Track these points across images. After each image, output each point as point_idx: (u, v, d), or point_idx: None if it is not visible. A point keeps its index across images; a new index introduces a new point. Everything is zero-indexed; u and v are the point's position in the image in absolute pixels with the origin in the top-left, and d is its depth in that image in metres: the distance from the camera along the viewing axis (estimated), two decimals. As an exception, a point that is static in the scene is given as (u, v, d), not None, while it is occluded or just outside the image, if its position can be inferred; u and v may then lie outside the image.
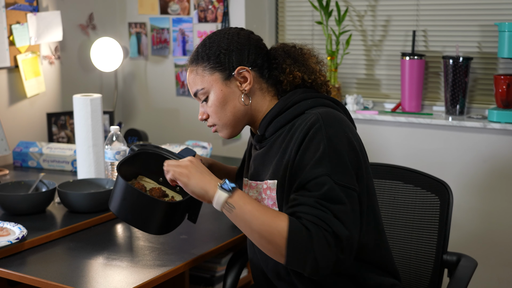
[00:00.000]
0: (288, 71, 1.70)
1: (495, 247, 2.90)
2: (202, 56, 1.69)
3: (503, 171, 2.86)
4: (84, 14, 3.46)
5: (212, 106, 1.69)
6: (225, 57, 1.67)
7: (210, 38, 1.71)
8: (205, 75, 1.68)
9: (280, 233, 1.47)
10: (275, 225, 1.48)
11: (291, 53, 1.74)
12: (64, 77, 3.36)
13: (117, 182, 1.66)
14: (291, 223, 1.48)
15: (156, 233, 1.69)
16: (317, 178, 1.51)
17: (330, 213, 1.48)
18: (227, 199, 1.52)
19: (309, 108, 1.65)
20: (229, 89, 1.67)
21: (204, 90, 1.69)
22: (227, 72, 1.67)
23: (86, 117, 2.42)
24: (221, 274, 2.65)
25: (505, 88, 2.81)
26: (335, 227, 1.47)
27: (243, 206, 1.52)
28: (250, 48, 1.69)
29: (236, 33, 1.71)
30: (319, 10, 3.18)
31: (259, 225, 1.50)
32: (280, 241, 1.47)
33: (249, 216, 1.51)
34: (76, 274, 1.75)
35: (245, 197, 1.54)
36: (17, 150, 2.93)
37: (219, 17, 3.36)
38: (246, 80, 1.67)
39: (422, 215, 2.06)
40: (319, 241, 1.45)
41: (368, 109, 3.20)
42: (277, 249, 1.49)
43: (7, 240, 1.86)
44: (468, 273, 1.88)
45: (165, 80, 3.61)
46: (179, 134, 3.60)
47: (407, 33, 3.15)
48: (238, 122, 1.71)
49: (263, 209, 1.52)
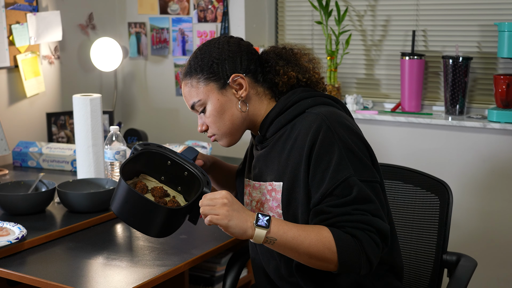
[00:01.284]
0: (282, 72, 1.70)
1: (495, 247, 2.90)
2: (195, 68, 1.69)
3: (502, 171, 2.86)
4: (84, 14, 3.46)
5: (210, 117, 1.69)
6: (218, 66, 1.67)
7: (201, 49, 1.71)
8: (200, 87, 1.68)
9: (329, 249, 1.51)
10: (322, 244, 1.51)
11: (282, 54, 1.74)
12: (63, 77, 3.36)
13: (120, 184, 1.65)
14: (335, 235, 1.51)
15: (157, 236, 1.69)
16: (343, 182, 1.54)
17: (368, 214, 1.53)
18: (267, 234, 1.52)
19: (309, 107, 1.66)
20: (225, 98, 1.68)
21: (201, 101, 1.69)
22: (221, 81, 1.67)
23: (86, 117, 2.42)
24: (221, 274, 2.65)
25: (504, 88, 2.81)
26: (377, 225, 1.52)
27: (283, 236, 1.52)
28: (242, 54, 1.69)
29: (226, 41, 1.71)
30: (319, 10, 3.18)
31: (305, 248, 1.52)
32: (331, 256, 1.51)
33: (292, 243, 1.52)
34: (76, 274, 1.75)
35: (282, 225, 1.53)
36: (17, 150, 2.93)
37: (219, 17, 3.36)
38: (242, 87, 1.68)
39: (422, 215, 2.06)
40: (368, 243, 1.51)
41: (367, 109, 3.20)
42: (329, 264, 1.53)
43: (6, 240, 1.86)
44: (468, 273, 1.88)
45: (165, 80, 3.61)
46: (179, 134, 3.60)
47: (407, 33, 3.15)
48: (237, 130, 1.71)
49: (303, 232, 1.52)
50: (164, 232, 1.68)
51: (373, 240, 1.52)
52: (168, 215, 1.64)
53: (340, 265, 1.51)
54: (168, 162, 1.76)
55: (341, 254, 1.50)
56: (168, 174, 1.78)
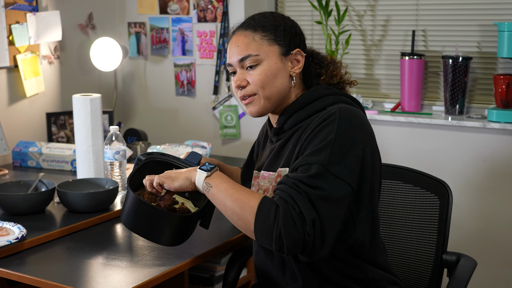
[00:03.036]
0: (332, 69, 1.76)
1: (495, 247, 2.90)
2: (265, 25, 1.72)
3: (502, 171, 2.86)
4: (84, 14, 3.46)
5: (262, 75, 1.69)
6: (289, 34, 1.72)
7: (273, 14, 1.77)
8: (263, 43, 1.70)
9: (251, 208, 1.52)
10: (248, 201, 1.54)
11: (325, 57, 1.80)
12: (63, 77, 3.36)
13: (128, 196, 1.66)
14: (263, 200, 1.53)
15: (172, 245, 1.71)
16: (308, 164, 1.54)
17: (305, 195, 1.50)
18: (206, 178, 1.60)
19: (330, 104, 1.68)
20: (282, 65, 1.71)
21: (259, 57, 1.70)
22: (285, 49, 1.71)
23: (86, 117, 2.42)
24: (221, 274, 2.65)
25: (504, 87, 2.81)
26: (304, 209, 1.48)
27: (219, 185, 1.59)
28: (303, 38, 1.77)
29: (295, 21, 1.78)
30: (319, 9, 3.18)
31: (232, 201, 1.55)
32: (250, 216, 1.52)
33: (224, 193, 1.58)
34: (76, 274, 1.75)
35: (223, 177, 1.62)
36: (17, 149, 2.93)
37: (219, 17, 3.36)
38: (299, 64, 1.72)
39: (422, 215, 2.06)
40: (285, 217, 1.48)
41: (367, 109, 3.20)
42: (246, 224, 1.53)
43: (6, 240, 1.85)
44: (468, 272, 1.88)
45: (165, 80, 3.61)
46: (179, 134, 3.60)
47: (407, 33, 3.15)
48: (278, 99, 1.72)
49: (238, 188, 1.58)
50: (178, 240, 1.69)
51: (292, 216, 1.48)
52: (181, 222, 1.65)
53: (255, 230, 1.51)
54: (173, 169, 1.77)
55: (258, 217, 1.51)
56: None
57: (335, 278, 1.67)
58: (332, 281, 1.67)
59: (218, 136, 3.49)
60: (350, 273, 1.68)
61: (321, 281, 1.67)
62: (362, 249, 1.67)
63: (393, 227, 2.12)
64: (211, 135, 3.50)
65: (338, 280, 1.67)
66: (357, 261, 1.68)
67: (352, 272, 1.68)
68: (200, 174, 1.62)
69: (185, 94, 3.56)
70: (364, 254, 1.69)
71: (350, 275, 1.68)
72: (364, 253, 1.69)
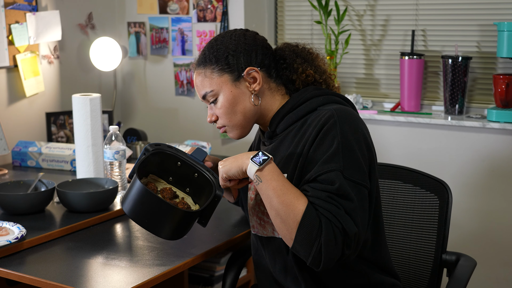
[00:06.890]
0: (301, 70, 1.72)
1: (494, 247, 2.90)
2: (210, 58, 1.70)
3: (502, 171, 2.86)
4: (83, 13, 3.46)
5: (222, 108, 1.70)
6: (233, 58, 1.68)
7: (217, 40, 1.72)
8: (213, 77, 1.69)
9: (295, 216, 1.50)
10: (293, 207, 1.51)
11: (298, 52, 1.76)
12: (63, 77, 3.36)
13: (135, 185, 1.64)
14: (308, 209, 1.50)
15: (170, 239, 1.70)
16: (328, 173, 1.53)
17: (342, 209, 1.50)
18: (257, 171, 1.55)
19: (321, 104, 1.67)
20: (238, 90, 1.69)
21: (214, 92, 1.70)
22: (236, 73, 1.68)
23: (85, 116, 2.42)
24: (220, 273, 2.65)
25: (504, 87, 2.81)
26: (346, 224, 1.49)
27: (269, 182, 1.54)
28: (257, 49, 1.71)
29: (242, 34, 1.72)
30: (318, 9, 3.18)
31: (279, 203, 1.52)
32: (293, 224, 1.50)
33: (272, 192, 1.54)
34: (75, 274, 1.75)
35: (274, 172, 1.56)
36: (16, 149, 2.93)
37: (218, 17, 3.36)
38: (256, 81, 1.69)
39: (421, 214, 2.06)
40: (328, 235, 1.47)
41: (367, 109, 3.20)
42: (288, 230, 1.51)
43: (6, 239, 1.85)
44: (467, 272, 1.88)
45: (164, 80, 3.61)
46: (178, 133, 3.60)
47: (406, 33, 3.15)
48: (248, 122, 1.73)
49: (287, 189, 1.53)
50: (176, 235, 1.68)
51: (334, 234, 1.48)
52: (184, 217, 1.64)
53: (295, 240, 1.50)
54: (178, 163, 1.76)
55: (300, 229, 1.49)
56: (177, 175, 1.78)
57: (337, 285, 1.67)
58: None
59: (218, 136, 3.49)
60: (352, 279, 1.68)
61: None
62: (365, 248, 1.67)
63: (393, 227, 2.12)
64: (211, 135, 3.50)
65: (340, 286, 1.67)
66: (360, 266, 1.68)
67: (354, 278, 1.68)
68: (251, 166, 1.57)
69: (185, 94, 3.56)
70: (368, 253, 1.68)
71: (352, 282, 1.68)
72: (368, 252, 1.68)
